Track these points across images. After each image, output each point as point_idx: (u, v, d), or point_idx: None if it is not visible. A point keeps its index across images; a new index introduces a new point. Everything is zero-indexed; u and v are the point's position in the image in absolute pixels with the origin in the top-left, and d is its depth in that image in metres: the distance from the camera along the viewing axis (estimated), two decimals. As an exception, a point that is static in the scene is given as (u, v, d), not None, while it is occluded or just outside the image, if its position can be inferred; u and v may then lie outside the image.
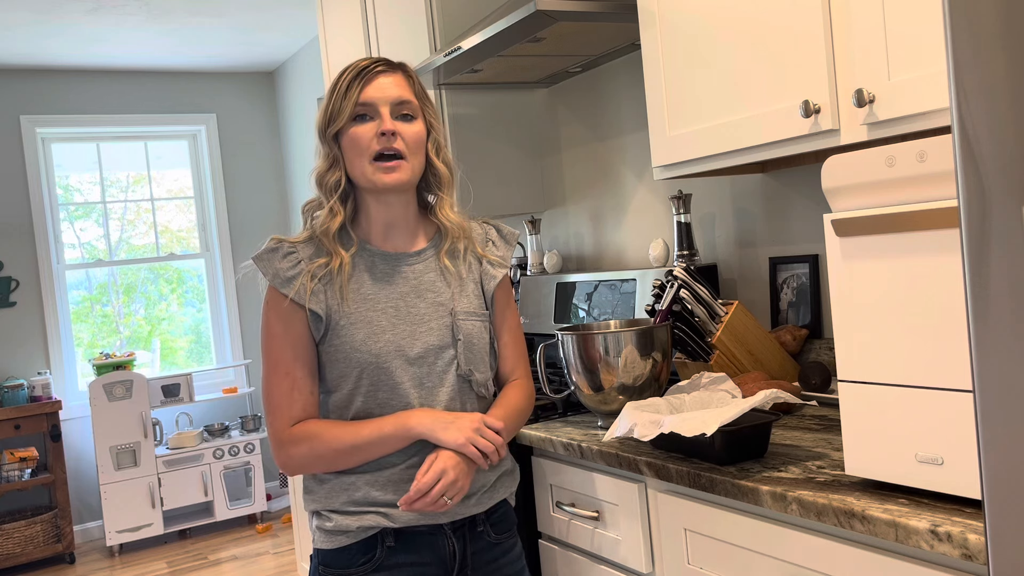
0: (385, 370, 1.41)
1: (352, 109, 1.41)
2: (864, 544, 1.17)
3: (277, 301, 1.43)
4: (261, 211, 5.40)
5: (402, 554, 1.42)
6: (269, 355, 1.43)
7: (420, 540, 1.43)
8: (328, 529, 1.43)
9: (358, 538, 1.41)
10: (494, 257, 1.55)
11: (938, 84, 1.31)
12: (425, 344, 1.43)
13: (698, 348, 1.90)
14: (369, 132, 1.41)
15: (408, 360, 1.42)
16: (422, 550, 1.43)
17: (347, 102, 1.41)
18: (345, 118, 1.41)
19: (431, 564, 1.43)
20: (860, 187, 1.16)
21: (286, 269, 1.43)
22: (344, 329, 1.41)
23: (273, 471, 5.25)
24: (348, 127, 1.42)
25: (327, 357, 1.44)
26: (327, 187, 1.45)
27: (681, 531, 1.48)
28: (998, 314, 0.74)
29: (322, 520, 1.44)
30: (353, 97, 1.41)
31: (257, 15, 4.21)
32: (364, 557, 1.41)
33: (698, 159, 1.80)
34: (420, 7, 2.65)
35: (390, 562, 1.41)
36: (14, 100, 4.76)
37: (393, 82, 1.44)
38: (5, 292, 4.70)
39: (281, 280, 1.42)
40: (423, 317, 1.45)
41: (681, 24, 1.80)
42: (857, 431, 1.18)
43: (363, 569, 1.41)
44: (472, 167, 2.80)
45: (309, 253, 1.45)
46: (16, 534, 4.30)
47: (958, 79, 0.75)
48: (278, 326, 1.42)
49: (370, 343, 1.41)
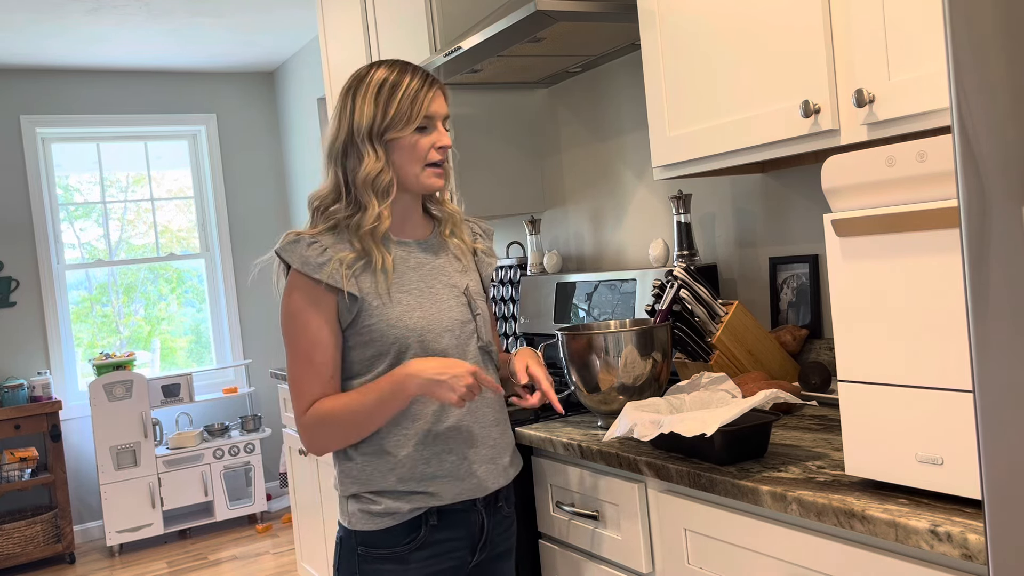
0: (420, 344, 1.48)
1: (419, 121, 1.49)
2: (864, 544, 1.17)
3: (305, 287, 1.47)
4: (261, 211, 5.40)
5: (443, 531, 1.51)
6: (294, 341, 1.47)
7: (457, 517, 1.52)
8: (376, 512, 1.48)
9: (406, 519, 1.48)
10: (484, 247, 1.69)
11: (938, 84, 1.31)
12: (451, 320, 1.53)
13: (698, 348, 1.90)
14: (427, 143, 1.51)
15: (437, 335, 1.50)
16: (458, 526, 1.52)
17: (414, 113, 1.48)
18: (411, 128, 1.49)
19: (464, 539, 1.53)
20: (860, 187, 1.16)
21: (314, 256, 1.47)
22: (377, 309, 1.47)
23: (273, 471, 5.25)
24: (408, 136, 1.49)
25: (357, 340, 1.49)
26: (379, 189, 1.49)
27: (681, 531, 1.48)
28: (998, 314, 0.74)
29: (366, 503, 1.49)
30: (420, 110, 1.49)
31: (257, 15, 4.21)
32: (409, 537, 1.49)
33: (698, 159, 1.80)
34: (420, 7, 2.65)
35: (432, 539, 1.50)
36: (14, 100, 4.76)
37: (444, 98, 1.54)
38: (5, 292, 4.70)
39: (312, 266, 1.46)
40: (443, 296, 1.54)
41: (681, 24, 1.81)
42: (857, 431, 1.18)
43: (408, 547, 1.49)
44: (472, 167, 2.80)
45: (331, 242, 1.49)
46: (16, 534, 4.30)
47: (958, 79, 0.75)
48: (306, 311, 1.46)
49: (405, 319, 1.48)
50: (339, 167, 1.51)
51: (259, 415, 4.98)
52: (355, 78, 1.53)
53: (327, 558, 3.16)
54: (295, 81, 5.08)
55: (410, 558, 1.49)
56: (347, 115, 1.50)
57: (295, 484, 3.46)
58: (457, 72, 2.47)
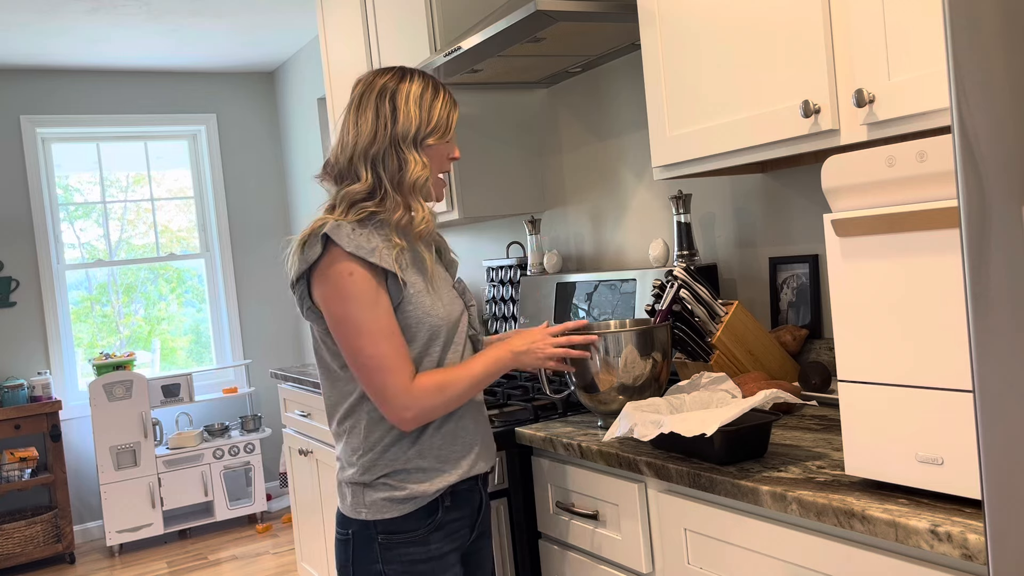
0: (449, 329, 1.57)
1: (452, 132, 1.59)
2: (864, 544, 1.17)
3: (362, 268, 1.48)
4: (261, 211, 5.40)
5: (453, 511, 1.58)
6: (369, 319, 1.48)
7: (464, 497, 1.60)
8: (400, 498, 1.53)
9: (426, 502, 1.54)
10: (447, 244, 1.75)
11: (938, 84, 1.31)
12: (460, 307, 1.62)
13: (698, 348, 1.90)
14: (445, 151, 1.61)
15: (456, 322, 1.59)
16: (464, 505, 1.61)
17: (451, 123, 1.59)
18: (447, 137, 1.58)
19: (468, 518, 1.62)
20: (860, 187, 1.16)
21: (364, 242, 1.49)
22: (414, 297, 1.53)
23: (273, 471, 5.25)
24: (441, 144, 1.58)
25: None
26: (424, 192, 1.57)
27: (681, 531, 1.48)
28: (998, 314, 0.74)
29: (390, 490, 1.53)
30: (453, 121, 1.59)
31: (257, 15, 4.21)
32: (429, 519, 1.55)
33: (698, 159, 1.80)
34: (420, 7, 2.65)
35: (446, 519, 1.57)
36: (14, 100, 4.77)
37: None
38: (5, 292, 4.70)
39: (366, 250, 1.49)
40: (447, 287, 1.62)
41: (681, 24, 1.80)
42: (857, 431, 1.18)
43: (427, 529, 1.55)
44: (472, 167, 2.80)
45: (368, 232, 1.52)
46: (16, 534, 4.30)
47: (958, 79, 0.75)
48: (372, 291, 1.49)
49: (437, 307, 1.55)
50: (376, 168, 1.54)
51: (259, 415, 4.98)
52: (391, 80, 1.56)
53: (327, 558, 3.16)
54: (295, 81, 5.08)
55: (430, 539, 1.55)
56: (387, 117, 1.53)
57: (295, 484, 3.46)
58: (457, 72, 2.47)
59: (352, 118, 1.56)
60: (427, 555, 1.55)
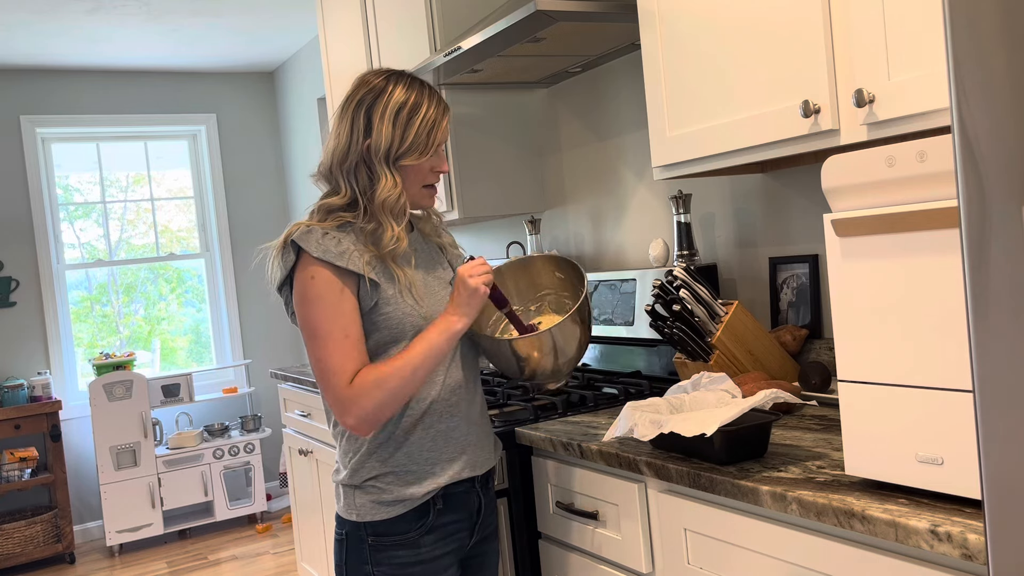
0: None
1: (433, 151, 1.53)
2: (864, 544, 1.17)
3: (327, 272, 1.47)
4: (261, 211, 5.40)
5: (447, 514, 1.57)
6: (323, 321, 1.47)
7: (459, 499, 1.58)
8: (387, 500, 1.52)
9: (415, 505, 1.52)
10: (450, 240, 1.73)
11: (938, 84, 1.31)
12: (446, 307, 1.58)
13: (698, 348, 1.90)
14: (428, 167, 1.55)
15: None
16: (460, 508, 1.58)
17: (430, 143, 1.52)
18: (425, 158, 1.53)
19: (465, 520, 1.60)
20: (860, 187, 1.16)
21: (332, 246, 1.48)
22: (393, 297, 1.51)
23: (273, 471, 5.25)
24: (419, 162, 1.53)
25: (373, 326, 1.51)
26: (396, 212, 1.52)
27: (681, 531, 1.48)
28: (998, 314, 0.74)
29: (378, 492, 1.52)
30: (435, 140, 1.53)
31: (257, 15, 4.21)
32: (420, 522, 1.54)
33: (698, 159, 1.80)
34: (420, 7, 2.65)
35: (439, 523, 1.55)
36: (14, 100, 4.76)
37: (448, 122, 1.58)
38: (5, 292, 4.70)
39: (333, 255, 1.47)
40: (436, 287, 1.60)
41: (681, 24, 1.80)
42: (857, 431, 1.18)
43: (419, 532, 1.54)
44: (472, 167, 2.80)
45: (342, 236, 1.51)
46: (16, 534, 4.30)
47: (958, 79, 0.75)
48: (332, 293, 1.47)
49: (418, 307, 1.53)
50: (349, 179, 1.52)
51: (259, 415, 4.98)
52: (370, 92, 1.52)
53: (327, 558, 3.16)
54: (295, 81, 5.08)
55: (421, 542, 1.54)
56: (360, 131, 1.51)
57: (295, 484, 3.46)
58: (457, 72, 2.47)
59: (336, 125, 1.56)
60: (417, 558, 1.53)
